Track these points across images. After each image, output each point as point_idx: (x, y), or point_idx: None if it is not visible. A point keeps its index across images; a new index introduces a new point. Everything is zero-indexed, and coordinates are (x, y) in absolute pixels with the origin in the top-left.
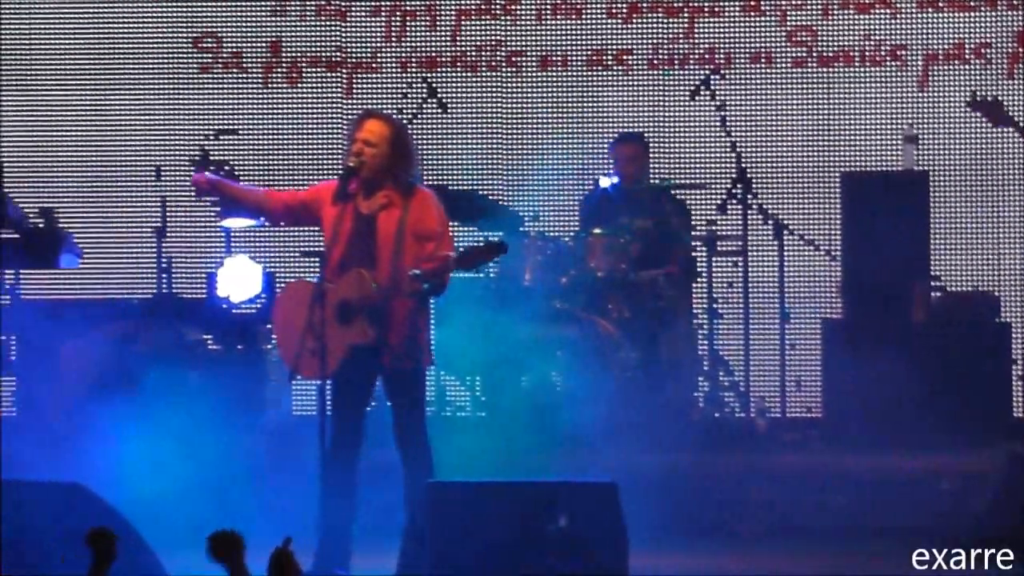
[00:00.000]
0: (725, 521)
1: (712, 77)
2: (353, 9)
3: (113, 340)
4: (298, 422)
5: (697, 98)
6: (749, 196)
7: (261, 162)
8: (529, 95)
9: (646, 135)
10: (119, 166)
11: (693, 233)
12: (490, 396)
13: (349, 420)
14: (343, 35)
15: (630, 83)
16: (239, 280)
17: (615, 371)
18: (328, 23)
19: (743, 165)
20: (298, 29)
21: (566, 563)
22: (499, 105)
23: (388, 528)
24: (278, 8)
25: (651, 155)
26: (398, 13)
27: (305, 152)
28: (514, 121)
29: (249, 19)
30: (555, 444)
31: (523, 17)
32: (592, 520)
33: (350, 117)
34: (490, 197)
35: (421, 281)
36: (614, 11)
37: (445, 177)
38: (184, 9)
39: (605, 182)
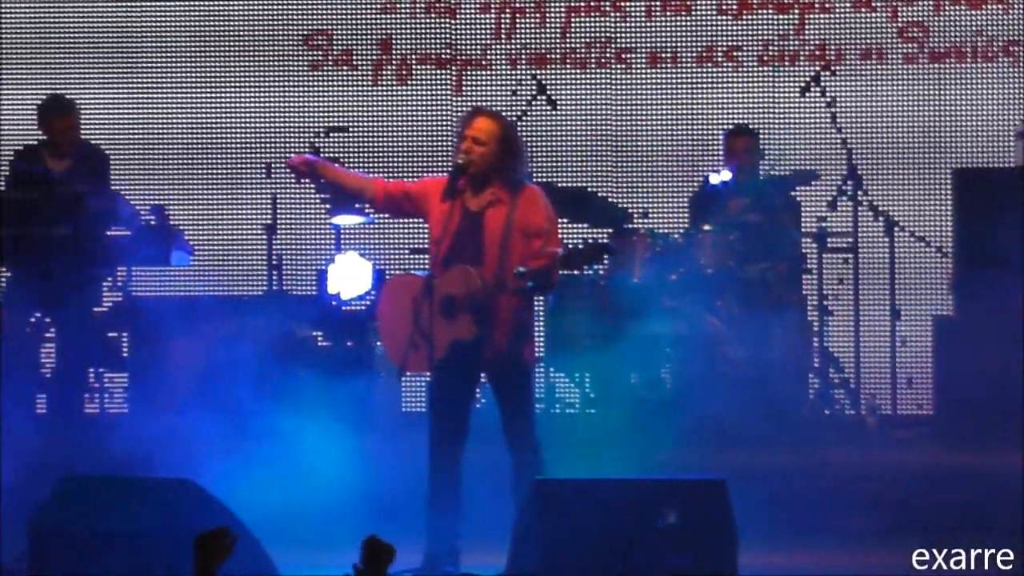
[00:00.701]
0: (835, 519)
1: (822, 73)
2: (463, 6)
3: (223, 337)
4: (407, 419)
5: (807, 94)
6: (860, 192)
7: (371, 159)
8: (638, 92)
9: (756, 131)
10: (230, 163)
11: (803, 229)
12: (599, 393)
13: (451, 416)
14: (453, 32)
15: (740, 80)
16: (349, 277)
17: (724, 368)
18: (438, 20)
19: (853, 161)
20: (408, 26)
21: (675, 560)
22: (608, 102)
23: (497, 526)
24: (388, 5)
25: (761, 151)
26: (508, 10)
27: (414, 149)
28: (623, 118)
29: (360, 16)
30: (664, 441)
31: (633, 13)
32: (701, 517)
33: (459, 114)
34: (599, 194)
35: (526, 278)
36: (724, 7)
37: (554, 174)
38: (295, 6)
39: (715, 178)
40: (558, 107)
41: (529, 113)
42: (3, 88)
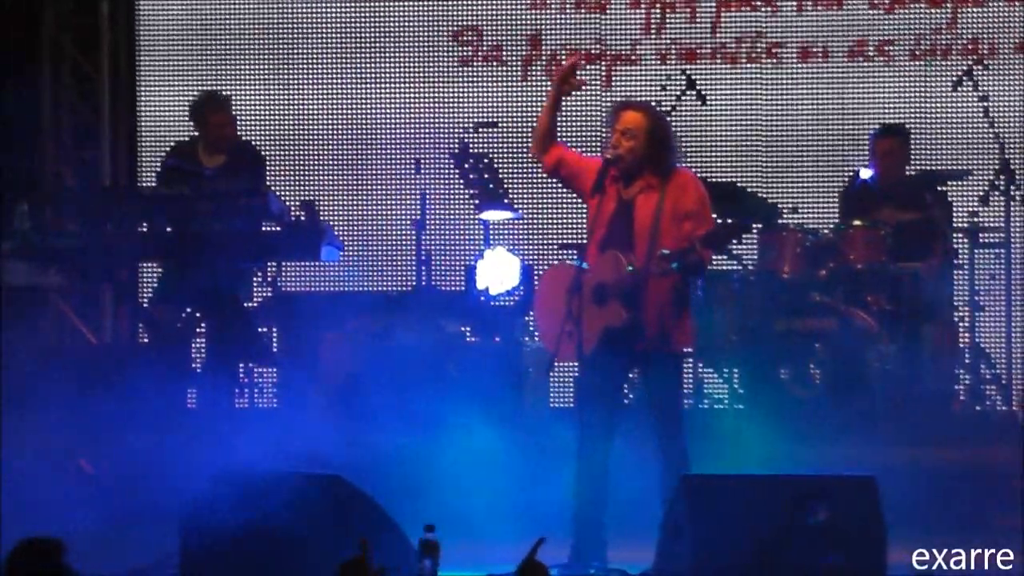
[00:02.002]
0: (987, 516)
1: (975, 68)
2: (612, 1)
3: (372, 332)
4: (556, 414)
5: (960, 89)
6: (1012, 187)
7: (520, 155)
8: (789, 87)
9: (907, 126)
10: (380, 159)
11: (955, 224)
12: (748, 388)
13: (603, 406)
14: (602, 27)
15: (892, 74)
16: (498, 272)
17: (874, 364)
18: (588, 15)
19: (1007, 156)
20: (558, 21)
21: (825, 557)
22: (758, 97)
23: (644, 521)
24: (538, 1)
25: (912, 147)
26: (657, 5)
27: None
28: (773, 113)
29: (509, 12)
30: (814, 437)
31: (783, 8)
32: (851, 514)
33: (607, 108)
34: (748, 189)
35: (669, 260)
36: (876, 2)
37: (703, 169)
38: (446, 2)
39: (865, 173)
40: (708, 102)
41: (679, 108)
42: (150, 84)
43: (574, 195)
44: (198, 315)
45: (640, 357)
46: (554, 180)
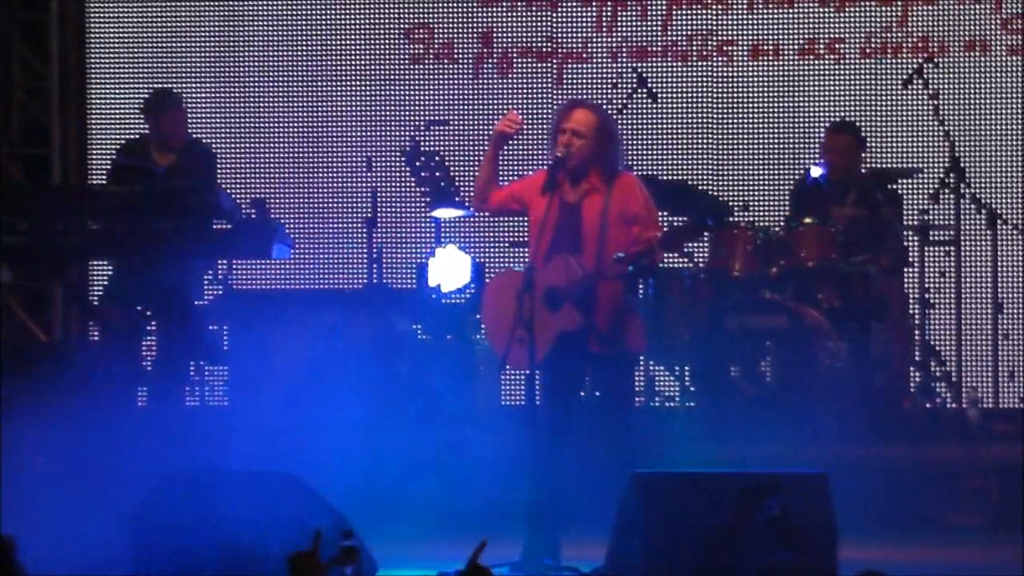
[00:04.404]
0: (936, 513)
1: (925, 65)
2: None
3: (324, 330)
4: (507, 412)
5: (910, 87)
6: (962, 185)
7: (471, 153)
8: (740, 85)
9: (858, 124)
10: (331, 156)
11: (905, 222)
12: (699, 386)
13: (559, 409)
14: (554, 24)
15: (842, 72)
16: (449, 270)
17: (825, 362)
18: (539, 12)
19: (956, 154)
20: (509, 19)
21: (775, 555)
22: (709, 95)
23: (596, 518)
24: None
25: (863, 145)
26: (609, 3)
27: (514, 143)
28: (724, 111)
29: (460, 10)
30: (765, 435)
31: (735, 6)
32: (802, 511)
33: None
34: (699, 187)
35: (626, 263)
36: None
37: (654, 167)
38: (397, 0)
39: (816, 171)
40: (659, 100)
41: (630, 106)
42: (100, 81)
43: None
44: (149, 313)
45: (594, 359)
46: (506, 178)
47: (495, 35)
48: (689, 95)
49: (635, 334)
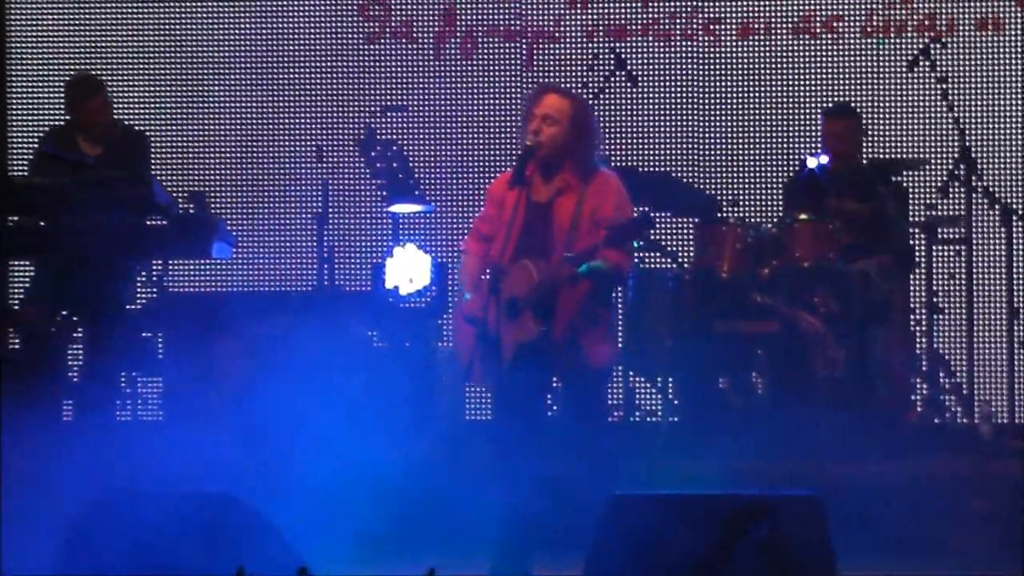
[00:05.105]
0: (944, 537)
1: (932, 46)
2: None
3: (269, 337)
4: (472, 427)
5: (916, 69)
6: (973, 177)
7: (431, 142)
8: (728, 67)
9: (858, 110)
10: (277, 146)
11: (911, 218)
12: (683, 399)
13: (520, 424)
14: (523, 1)
15: (841, 53)
16: (408, 271)
17: (822, 372)
18: None
19: (967, 143)
20: None
21: None
22: (695, 78)
23: (570, 541)
24: None
25: (864, 132)
26: None
27: (480, 131)
28: (711, 96)
29: None
30: (755, 452)
31: None
32: (795, 536)
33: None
34: (684, 180)
35: (574, 263)
36: None
37: (634, 158)
38: None
39: (812, 162)
40: (639, 84)
41: (607, 91)
42: (20, 65)
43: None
44: (75, 318)
45: (558, 371)
46: (471, 170)
47: (458, 12)
48: (672, 78)
49: (596, 348)
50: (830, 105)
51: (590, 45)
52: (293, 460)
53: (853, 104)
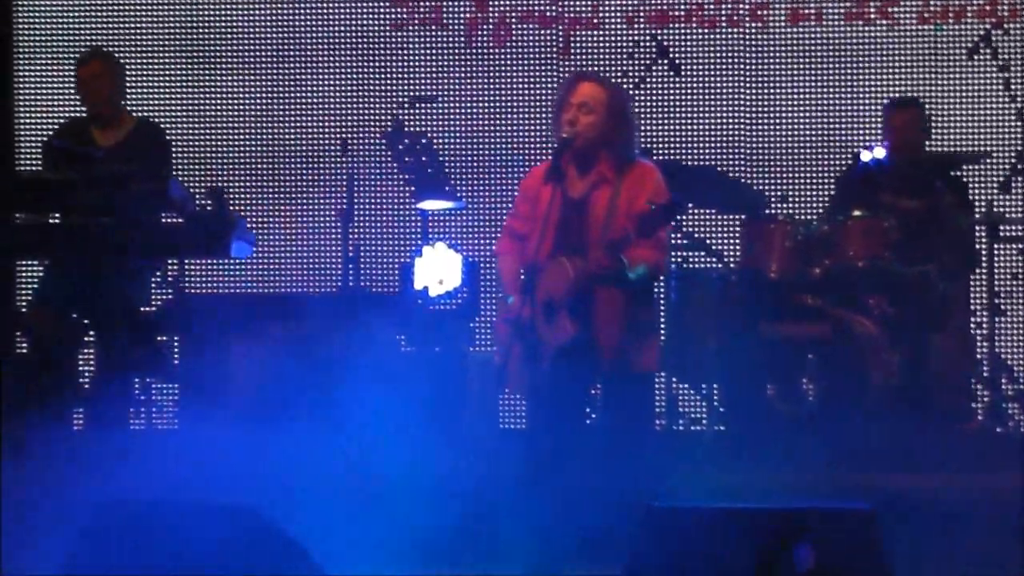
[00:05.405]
0: (1005, 552)
1: (993, 32)
2: None
3: (291, 341)
4: (507, 435)
5: (976, 57)
6: None
7: (464, 135)
8: (777, 55)
9: (921, 103)
10: (300, 139)
11: (970, 215)
12: (729, 406)
13: (558, 432)
14: None
15: (896, 41)
16: (438, 271)
17: (876, 378)
18: None
19: None
20: None
21: None
22: (741, 67)
23: (608, 554)
24: None
25: (930, 125)
26: None
27: (514, 123)
28: (759, 86)
29: None
30: (805, 463)
31: None
32: (846, 553)
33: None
34: (730, 175)
35: (609, 254)
36: None
37: (677, 151)
38: None
39: (867, 156)
40: (682, 73)
41: (648, 80)
42: (28, 59)
43: None
44: (86, 322)
45: (600, 376)
46: (504, 164)
47: None
48: (718, 67)
49: (644, 353)
50: (892, 97)
51: (630, 32)
52: (315, 470)
53: (910, 94)
